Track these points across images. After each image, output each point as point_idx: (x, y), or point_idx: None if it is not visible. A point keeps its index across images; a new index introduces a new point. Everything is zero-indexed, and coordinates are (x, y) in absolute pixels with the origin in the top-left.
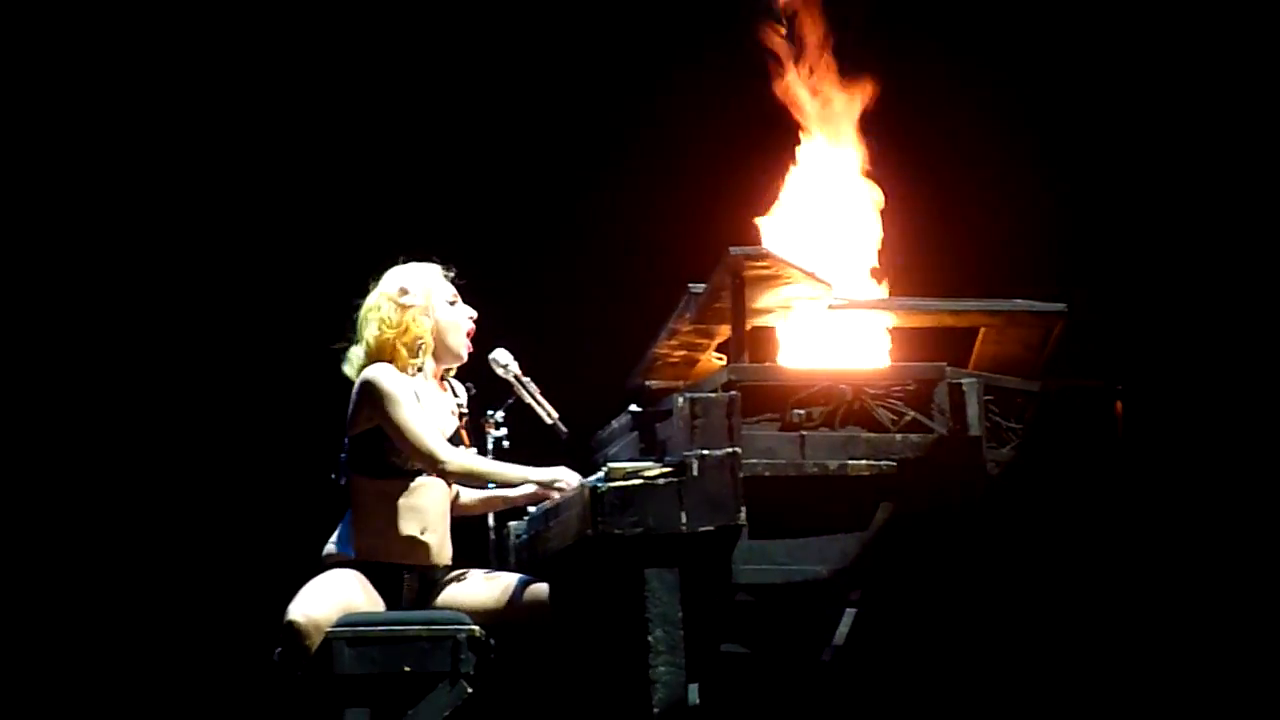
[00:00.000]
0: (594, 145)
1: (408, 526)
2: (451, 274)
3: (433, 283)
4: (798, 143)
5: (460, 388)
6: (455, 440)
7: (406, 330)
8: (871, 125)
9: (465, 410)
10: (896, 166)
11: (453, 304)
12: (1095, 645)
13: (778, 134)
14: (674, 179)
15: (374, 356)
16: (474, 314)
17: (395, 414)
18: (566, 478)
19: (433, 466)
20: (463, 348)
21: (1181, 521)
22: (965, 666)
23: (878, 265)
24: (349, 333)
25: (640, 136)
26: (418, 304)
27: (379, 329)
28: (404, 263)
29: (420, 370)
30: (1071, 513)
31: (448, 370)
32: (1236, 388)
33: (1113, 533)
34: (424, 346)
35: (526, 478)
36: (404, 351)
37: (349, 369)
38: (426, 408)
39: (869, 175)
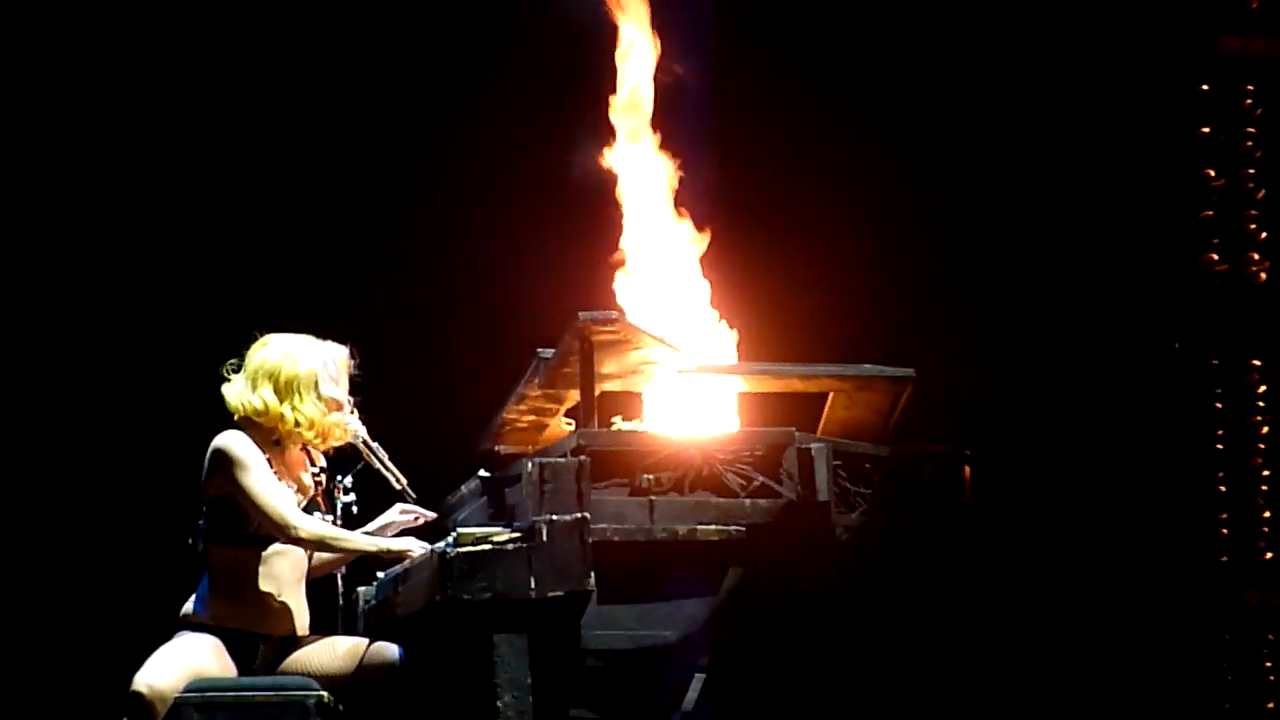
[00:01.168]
0: (442, 209)
1: (263, 594)
2: (355, 365)
3: (340, 379)
4: (636, 205)
5: (316, 453)
6: (311, 507)
7: (295, 421)
8: (711, 192)
9: (323, 474)
10: (746, 231)
11: (340, 408)
12: (942, 709)
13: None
14: (522, 243)
15: (248, 414)
16: (356, 424)
17: (245, 480)
18: (415, 548)
19: (284, 534)
20: (330, 445)
21: (1028, 584)
22: None
23: (726, 330)
24: (239, 354)
25: (488, 200)
26: (323, 399)
27: (272, 400)
28: (324, 339)
29: (278, 442)
30: (919, 577)
31: None
32: (1081, 452)
33: (960, 596)
34: (298, 438)
35: (378, 547)
36: (278, 430)
37: (228, 395)
38: (281, 474)
39: (703, 234)
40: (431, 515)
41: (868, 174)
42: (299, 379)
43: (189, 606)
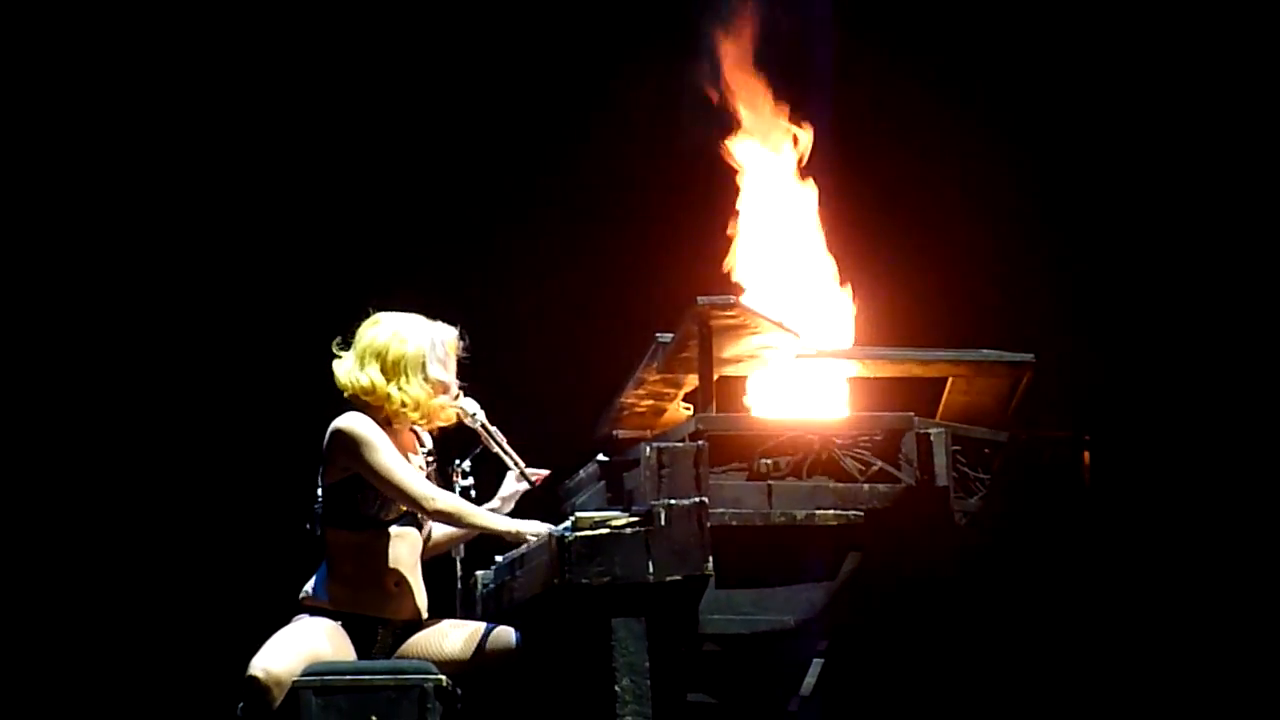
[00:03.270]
0: (562, 194)
1: (382, 578)
2: (464, 347)
3: (448, 361)
4: (758, 190)
5: (425, 434)
6: None
7: (401, 401)
8: (836, 174)
9: (433, 455)
10: (863, 218)
11: (446, 390)
12: (1064, 695)
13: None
14: (642, 227)
15: (356, 392)
16: (475, 408)
17: (375, 459)
18: (540, 530)
19: (419, 507)
20: (434, 426)
21: (1148, 572)
22: (932, 717)
23: (845, 314)
24: (348, 334)
25: (608, 184)
26: (429, 381)
27: (379, 379)
28: (434, 319)
29: (388, 422)
30: (1038, 562)
31: None
32: (1203, 437)
33: (1080, 583)
34: (404, 419)
35: (507, 527)
36: (384, 410)
37: (338, 372)
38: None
39: (827, 221)
40: (544, 472)
41: (990, 156)
42: (406, 359)
43: (307, 589)
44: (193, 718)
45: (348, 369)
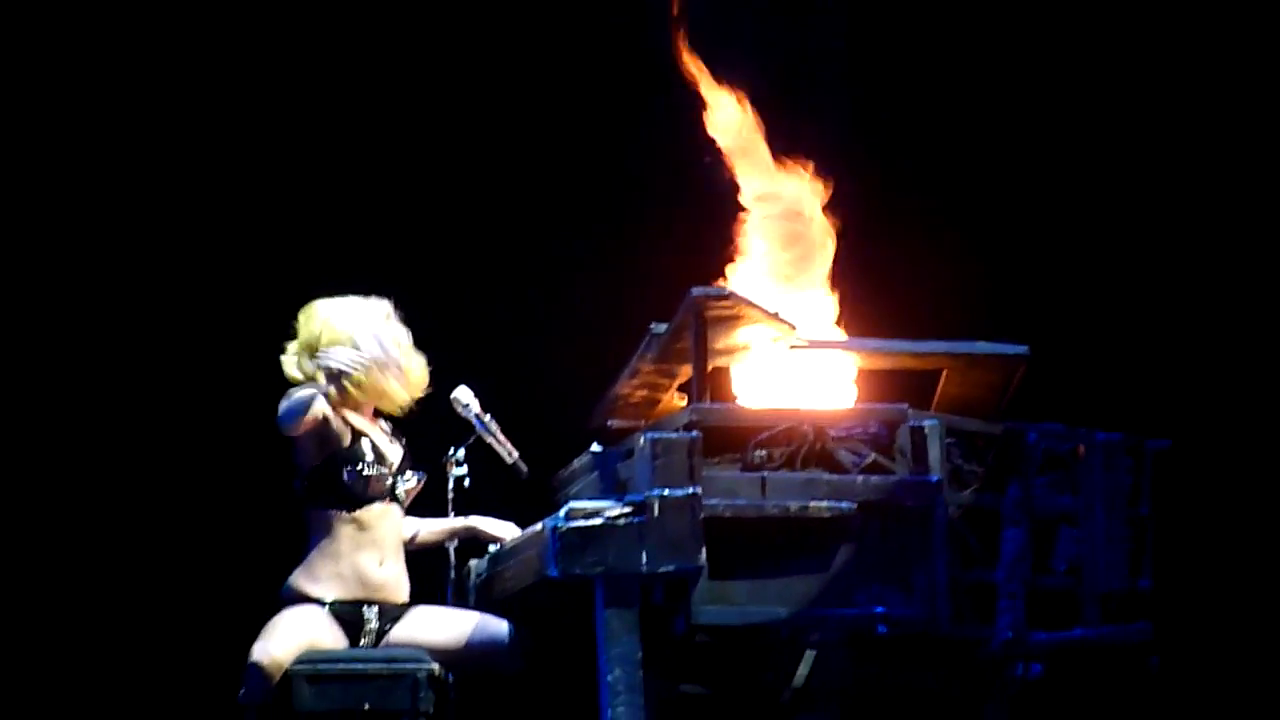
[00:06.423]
0: (558, 183)
1: (367, 560)
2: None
3: (385, 339)
4: (752, 180)
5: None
6: (403, 467)
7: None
8: (830, 168)
9: (394, 438)
10: (856, 207)
11: (385, 369)
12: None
13: (742, 171)
14: (638, 217)
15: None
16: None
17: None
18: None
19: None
20: (402, 396)
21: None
22: (921, 712)
23: (839, 306)
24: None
25: (604, 174)
26: (370, 360)
27: (312, 368)
28: (355, 296)
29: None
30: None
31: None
32: (1199, 429)
33: (1069, 573)
34: (364, 403)
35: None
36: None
37: (285, 367)
38: (362, 434)
39: (825, 212)
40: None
41: (987, 146)
42: (337, 344)
43: (292, 580)
44: (178, 709)
45: (291, 362)
